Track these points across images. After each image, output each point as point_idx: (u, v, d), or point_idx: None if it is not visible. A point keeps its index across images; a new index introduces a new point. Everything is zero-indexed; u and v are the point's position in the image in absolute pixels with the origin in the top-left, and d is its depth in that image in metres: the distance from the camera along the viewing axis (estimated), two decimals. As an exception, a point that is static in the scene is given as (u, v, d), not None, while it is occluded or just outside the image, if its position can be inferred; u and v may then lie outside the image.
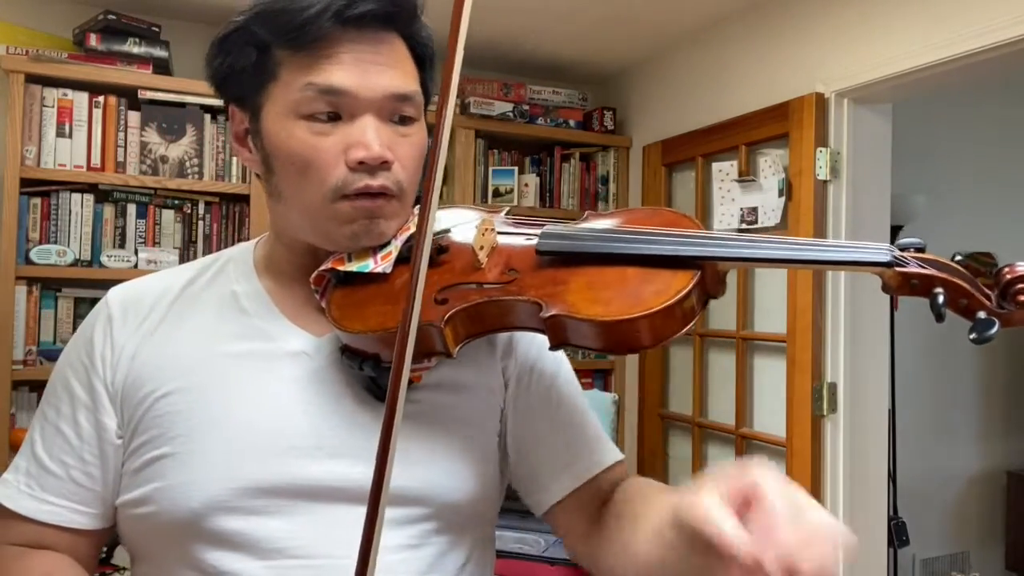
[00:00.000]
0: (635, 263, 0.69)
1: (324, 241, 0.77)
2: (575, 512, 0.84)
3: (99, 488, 0.78)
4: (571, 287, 0.69)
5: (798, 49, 2.32)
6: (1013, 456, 3.77)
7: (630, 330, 0.65)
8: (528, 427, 0.85)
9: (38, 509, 0.77)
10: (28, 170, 2.25)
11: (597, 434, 0.88)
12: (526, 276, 0.72)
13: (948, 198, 3.48)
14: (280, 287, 0.83)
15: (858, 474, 2.21)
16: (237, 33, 0.76)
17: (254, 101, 0.76)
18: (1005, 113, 3.64)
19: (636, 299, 0.65)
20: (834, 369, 2.19)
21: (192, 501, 0.72)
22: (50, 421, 0.80)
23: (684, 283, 0.65)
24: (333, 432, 0.75)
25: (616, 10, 2.54)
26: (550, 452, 0.84)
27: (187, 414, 0.75)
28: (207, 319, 0.80)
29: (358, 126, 0.73)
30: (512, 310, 0.71)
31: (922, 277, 0.63)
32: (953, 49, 1.85)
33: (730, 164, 2.49)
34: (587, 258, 0.71)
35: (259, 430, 0.74)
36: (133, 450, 0.76)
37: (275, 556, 0.71)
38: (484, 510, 0.83)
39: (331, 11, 0.71)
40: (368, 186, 0.73)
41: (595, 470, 0.84)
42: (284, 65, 0.74)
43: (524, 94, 2.97)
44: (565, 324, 0.67)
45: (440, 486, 0.77)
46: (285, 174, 0.76)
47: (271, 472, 0.73)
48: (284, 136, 0.74)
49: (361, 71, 0.73)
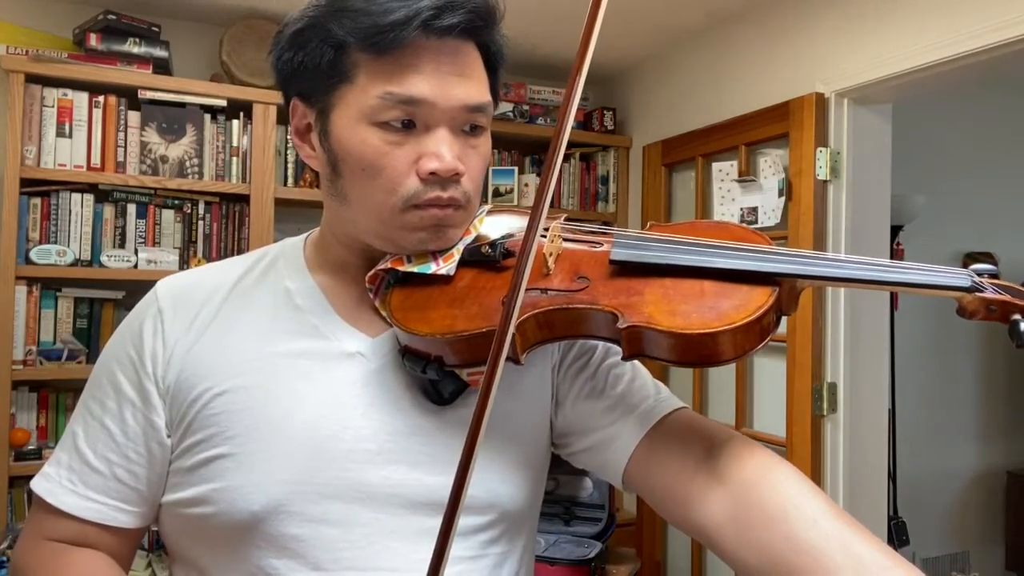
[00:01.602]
0: (711, 277, 0.68)
1: (389, 246, 0.76)
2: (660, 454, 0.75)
3: (143, 487, 0.76)
4: (647, 298, 0.67)
5: (798, 49, 2.32)
6: (1013, 456, 3.78)
7: (711, 344, 0.64)
8: (580, 405, 0.82)
9: (81, 506, 0.76)
10: (28, 170, 2.25)
11: (651, 388, 0.83)
12: (598, 284, 0.71)
13: (948, 198, 3.48)
14: (334, 284, 0.81)
15: (858, 474, 2.21)
16: (312, 29, 0.74)
17: (324, 100, 0.75)
18: (1005, 113, 3.64)
19: (717, 313, 0.64)
20: (834, 369, 2.19)
21: (253, 504, 0.70)
22: (94, 416, 0.78)
23: (764, 299, 0.65)
24: (391, 437, 0.74)
25: (616, 10, 2.54)
26: (611, 415, 0.79)
27: (245, 413, 0.73)
28: (261, 316, 0.79)
29: (432, 138, 0.72)
30: (585, 318, 0.70)
31: (1001, 304, 0.63)
32: (953, 49, 1.85)
33: (730, 164, 2.49)
34: (662, 269, 0.70)
35: (319, 433, 0.73)
36: (186, 448, 0.74)
37: (330, 566, 0.70)
38: (534, 515, 0.83)
39: (419, 20, 0.69)
40: (439, 198, 0.73)
41: (661, 412, 0.79)
42: (362, 69, 0.72)
43: (524, 94, 2.97)
44: (643, 335, 0.65)
45: (499, 494, 0.77)
46: (354, 178, 0.74)
47: (331, 476, 0.72)
48: (356, 141, 0.72)
49: (440, 82, 0.72)
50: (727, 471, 0.68)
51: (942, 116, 3.44)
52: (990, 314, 0.64)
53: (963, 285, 0.64)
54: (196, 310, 0.79)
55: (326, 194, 0.79)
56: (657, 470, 0.74)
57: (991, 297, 0.63)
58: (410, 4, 0.69)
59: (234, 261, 0.85)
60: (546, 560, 2.06)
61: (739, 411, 2.46)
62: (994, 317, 0.64)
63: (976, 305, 0.64)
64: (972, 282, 0.64)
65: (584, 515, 2.26)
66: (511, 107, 2.90)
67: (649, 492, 0.76)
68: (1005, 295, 0.63)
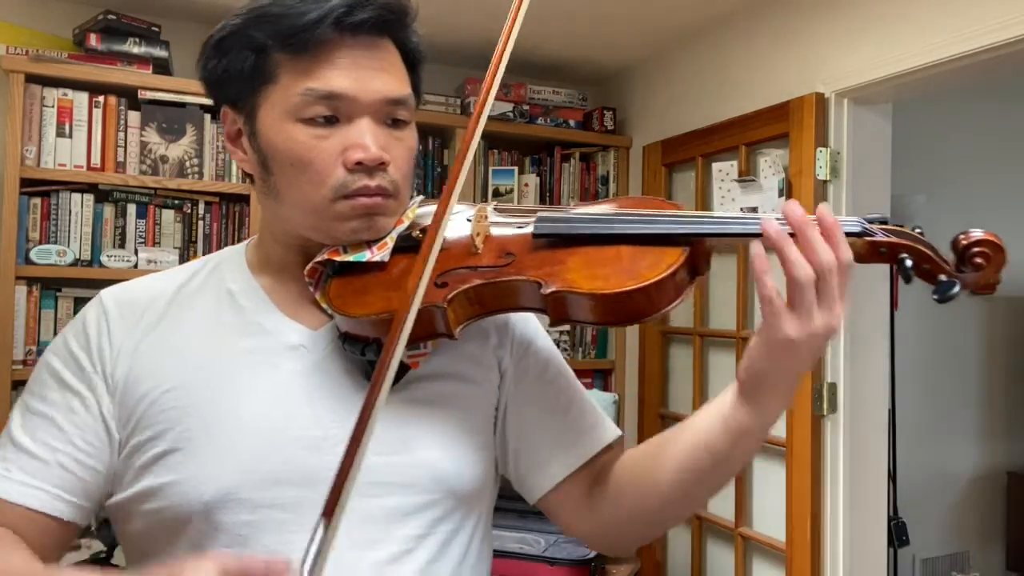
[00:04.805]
0: (628, 242, 0.74)
1: (324, 237, 0.79)
2: (577, 491, 0.85)
3: (88, 477, 0.76)
4: (568, 266, 0.73)
5: (798, 49, 2.32)
6: (1013, 456, 3.77)
7: (628, 301, 0.70)
8: (526, 414, 0.87)
9: (16, 491, 0.74)
10: (28, 170, 2.25)
11: (596, 414, 0.90)
12: (523, 258, 0.76)
13: (948, 198, 3.48)
14: (275, 283, 0.84)
15: (858, 474, 2.21)
16: (234, 36, 0.77)
17: (250, 103, 0.78)
18: (1005, 113, 3.64)
19: (632, 273, 0.70)
20: (834, 369, 2.19)
21: (204, 494, 0.72)
22: (34, 411, 0.78)
23: (675, 258, 0.71)
24: (336, 422, 0.76)
25: (616, 10, 2.54)
26: (551, 435, 0.86)
27: (193, 409, 0.75)
28: (206, 317, 0.81)
29: (355, 129, 0.76)
30: (512, 290, 0.75)
31: (889, 245, 0.69)
32: (953, 49, 1.85)
33: (730, 164, 2.49)
34: (582, 239, 0.75)
35: (266, 424, 0.75)
36: (136, 446, 0.75)
37: (280, 548, 0.72)
38: (485, 497, 0.85)
39: (331, 18, 0.73)
40: (366, 187, 0.76)
41: (596, 448, 0.86)
42: (283, 69, 0.75)
43: (524, 94, 2.97)
44: (566, 299, 0.71)
45: (445, 472, 0.79)
46: (284, 175, 0.77)
47: (280, 463, 0.73)
48: (283, 138, 0.76)
49: (358, 76, 0.75)
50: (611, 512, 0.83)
51: (942, 116, 3.44)
52: (881, 256, 0.69)
53: (855, 231, 0.69)
54: (141, 312, 0.81)
55: (261, 195, 0.83)
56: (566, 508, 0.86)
57: (880, 240, 0.69)
58: (323, 4, 0.73)
59: (177, 269, 0.89)
60: (546, 560, 2.06)
61: (739, 411, 2.45)
62: (884, 259, 0.69)
63: (867, 248, 0.69)
64: (863, 227, 0.69)
65: (584, 515, 2.27)
66: (511, 107, 2.90)
67: (553, 516, 0.87)
68: (894, 237, 0.69)
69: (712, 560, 2.63)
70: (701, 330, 2.66)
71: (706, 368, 2.67)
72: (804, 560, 2.16)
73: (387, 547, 0.75)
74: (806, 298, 0.65)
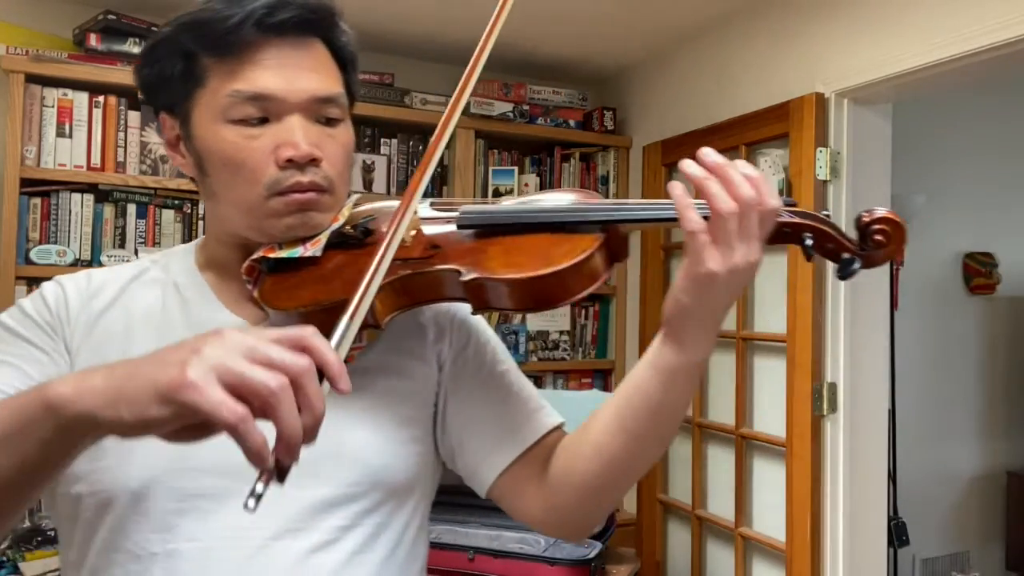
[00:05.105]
0: (547, 231, 0.77)
1: (261, 235, 0.81)
2: (522, 478, 0.86)
3: None
4: (489, 254, 0.76)
5: (798, 49, 2.32)
6: (1013, 456, 3.78)
7: (542, 286, 0.73)
8: (467, 407, 0.88)
9: None
10: (28, 170, 2.25)
11: (536, 403, 0.91)
12: (447, 250, 0.78)
13: (948, 198, 3.48)
14: (220, 281, 0.86)
15: (858, 474, 2.21)
16: (164, 43, 0.79)
17: (184, 108, 0.80)
18: (1005, 113, 3.64)
19: (546, 260, 0.73)
20: (834, 369, 2.19)
21: (132, 481, 0.73)
22: None
23: (589, 244, 0.73)
24: None
25: (616, 10, 2.54)
26: (492, 426, 0.87)
27: None
28: (152, 308, 0.83)
29: (286, 127, 0.77)
30: (435, 280, 0.77)
31: (793, 225, 0.72)
32: (953, 49, 1.85)
33: (730, 164, 2.49)
34: (503, 229, 0.79)
35: None
36: None
37: (202, 536, 0.73)
38: (418, 491, 0.86)
39: (253, 19, 0.75)
40: (299, 183, 0.77)
41: (537, 434, 0.87)
42: (211, 72, 0.77)
43: (524, 94, 2.97)
44: (483, 286, 0.74)
45: (374, 464, 0.80)
46: (219, 176, 0.79)
47: (207, 452, 0.70)
48: (216, 139, 0.78)
49: (285, 76, 0.77)
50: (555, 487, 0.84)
51: (942, 116, 3.44)
52: (786, 237, 0.73)
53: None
54: (93, 295, 0.83)
55: (202, 196, 0.85)
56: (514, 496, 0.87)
57: (784, 220, 0.72)
58: (246, 7, 0.75)
59: (130, 264, 0.91)
60: (546, 560, 2.06)
61: (739, 411, 2.46)
62: (789, 239, 0.73)
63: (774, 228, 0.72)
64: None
65: (584, 515, 2.26)
66: (511, 107, 2.90)
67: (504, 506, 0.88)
68: (798, 218, 0.72)
69: (712, 560, 2.63)
70: (701, 330, 2.65)
71: (706, 368, 2.67)
72: (804, 560, 2.16)
73: (311, 536, 0.76)
74: (728, 228, 0.67)
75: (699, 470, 2.64)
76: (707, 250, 0.67)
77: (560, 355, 3.02)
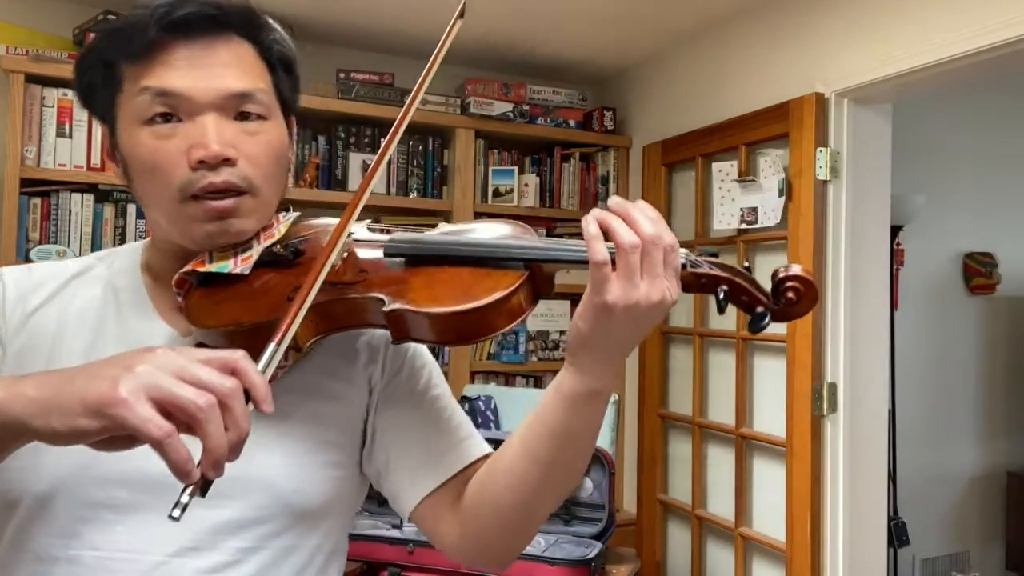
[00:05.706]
0: (472, 264, 0.76)
1: (187, 241, 0.80)
2: (443, 506, 0.85)
3: None
4: (412, 285, 0.75)
5: (798, 49, 2.32)
6: (1013, 456, 3.78)
7: (462, 321, 0.72)
8: (395, 432, 0.87)
9: None
10: (28, 170, 2.25)
11: (465, 432, 0.90)
12: (373, 277, 0.77)
13: (948, 198, 3.48)
14: (156, 287, 0.85)
15: (858, 474, 2.21)
16: (89, 54, 0.80)
17: (110, 116, 0.80)
18: (1005, 113, 3.64)
19: (468, 295, 0.72)
20: (834, 369, 2.19)
21: (39, 483, 0.73)
22: None
23: (511, 281, 0.73)
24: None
25: (616, 10, 2.54)
26: (417, 453, 0.86)
27: None
28: (90, 307, 0.83)
29: (197, 126, 0.76)
30: (360, 307, 0.76)
31: (710, 277, 0.73)
32: (953, 49, 1.85)
33: (730, 164, 2.49)
34: (429, 260, 0.78)
35: None
36: None
37: (104, 546, 0.73)
38: (333, 515, 0.85)
39: (155, 19, 0.75)
40: (212, 184, 0.76)
41: (461, 464, 0.86)
42: (125, 76, 0.78)
43: (524, 94, 2.97)
44: (404, 317, 0.73)
45: (283, 488, 0.79)
46: (140, 181, 0.79)
47: (116, 463, 0.70)
48: (133, 143, 0.77)
49: (195, 74, 0.76)
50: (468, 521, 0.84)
51: (942, 116, 3.44)
52: (702, 287, 0.74)
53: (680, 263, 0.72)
54: (33, 289, 0.83)
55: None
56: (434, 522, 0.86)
57: (702, 272, 0.73)
58: (149, 9, 0.75)
59: (76, 259, 0.90)
60: (546, 560, 2.06)
61: (739, 411, 2.46)
62: (705, 289, 0.74)
63: (691, 279, 0.73)
64: (687, 260, 0.73)
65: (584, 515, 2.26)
66: (511, 107, 2.90)
67: (425, 532, 0.88)
68: (716, 270, 0.73)
69: (712, 560, 2.63)
70: (701, 330, 2.66)
71: (706, 368, 2.67)
72: (804, 560, 2.16)
73: (212, 557, 0.75)
74: (630, 262, 0.67)
75: (699, 470, 2.64)
76: (608, 282, 0.68)
77: (560, 355, 3.02)
